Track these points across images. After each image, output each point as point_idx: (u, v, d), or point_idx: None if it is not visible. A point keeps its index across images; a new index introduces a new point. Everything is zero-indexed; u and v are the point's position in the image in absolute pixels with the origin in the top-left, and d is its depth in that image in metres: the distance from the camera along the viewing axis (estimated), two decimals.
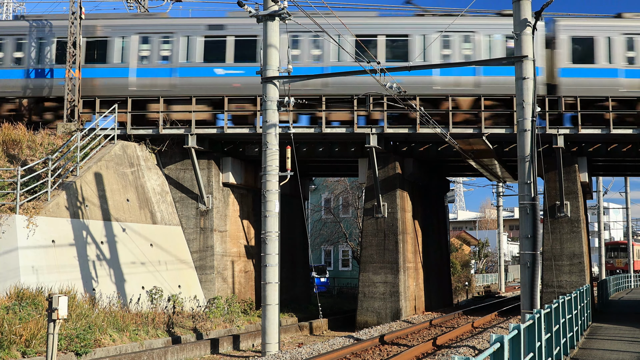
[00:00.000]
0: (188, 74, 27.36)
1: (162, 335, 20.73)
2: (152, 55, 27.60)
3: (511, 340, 9.28)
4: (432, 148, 28.57)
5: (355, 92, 25.88)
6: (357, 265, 40.87)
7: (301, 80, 20.28)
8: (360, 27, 26.95)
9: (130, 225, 24.66)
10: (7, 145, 24.72)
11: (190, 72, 27.38)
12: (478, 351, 18.51)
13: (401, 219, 28.14)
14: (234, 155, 28.70)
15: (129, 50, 27.62)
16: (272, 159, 19.21)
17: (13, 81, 27.92)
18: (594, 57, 26.82)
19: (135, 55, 27.58)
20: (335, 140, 28.42)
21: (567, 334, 16.72)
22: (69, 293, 19.24)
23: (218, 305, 24.25)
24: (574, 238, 27.00)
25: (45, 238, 20.89)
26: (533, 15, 17.23)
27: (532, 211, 16.94)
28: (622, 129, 25.98)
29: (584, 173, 27.74)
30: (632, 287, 58.53)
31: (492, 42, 26.92)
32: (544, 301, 24.42)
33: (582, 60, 26.75)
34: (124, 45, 27.63)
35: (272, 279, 19.03)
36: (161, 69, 27.48)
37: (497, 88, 26.54)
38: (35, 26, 28.28)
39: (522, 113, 17.14)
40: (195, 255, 27.23)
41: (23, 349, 16.21)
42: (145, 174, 26.56)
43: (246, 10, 18.74)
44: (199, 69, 27.35)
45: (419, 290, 31.04)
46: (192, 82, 27.23)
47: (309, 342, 22.73)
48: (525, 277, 16.92)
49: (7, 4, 54.73)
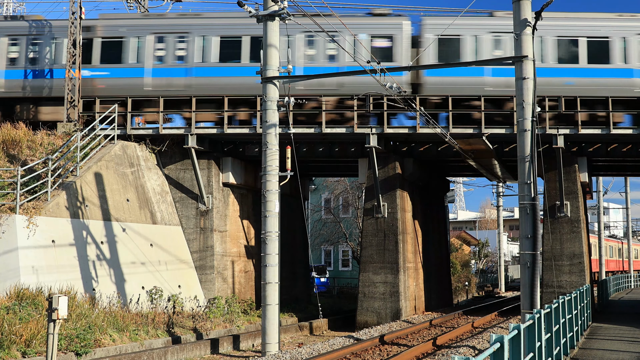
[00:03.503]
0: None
1: (162, 335, 20.73)
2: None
3: (511, 340, 9.28)
4: (432, 148, 28.57)
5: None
6: (357, 265, 40.85)
7: (301, 80, 20.28)
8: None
9: (130, 225, 24.66)
10: (7, 145, 24.72)
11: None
12: (478, 351, 18.51)
13: (401, 219, 28.14)
14: (234, 155, 28.70)
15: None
16: (272, 159, 19.21)
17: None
18: (461, 56, 26.60)
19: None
20: (335, 140, 28.43)
21: (567, 334, 16.72)
22: (69, 293, 19.24)
23: (218, 305, 24.25)
24: (574, 238, 26.99)
25: (45, 238, 20.89)
26: (533, 15, 17.23)
27: (532, 211, 16.94)
28: (622, 129, 25.96)
29: (584, 173, 27.73)
30: (632, 287, 58.58)
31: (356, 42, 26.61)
32: (544, 301, 24.41)
33: (449, 59, 26.53)
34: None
35: (272, 279, 19.03)
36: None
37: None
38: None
39: (522, 113, 17.14)
40: (195, 255, 27.23)
41: (23, 349, 16.21)
42: (145, 174, 26.57)
43: (246, 10, 18.74)
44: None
45: (419, 290, 31.04)
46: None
47: (309, 342, 22.74)
48: (525, 277, 16.92)
49: (7, 4, 54.73)
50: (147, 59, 27.49)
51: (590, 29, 26.49)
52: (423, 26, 27.02)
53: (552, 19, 26.03)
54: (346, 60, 26.22)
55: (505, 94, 26.20)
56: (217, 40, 27.36)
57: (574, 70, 26.42)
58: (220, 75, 27.13)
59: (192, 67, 27.34)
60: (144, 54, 27.53)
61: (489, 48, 26.52)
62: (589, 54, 26.36)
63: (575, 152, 27.64)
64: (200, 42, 27.39)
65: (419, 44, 26.80)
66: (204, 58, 27.32)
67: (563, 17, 27.12)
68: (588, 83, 26.27)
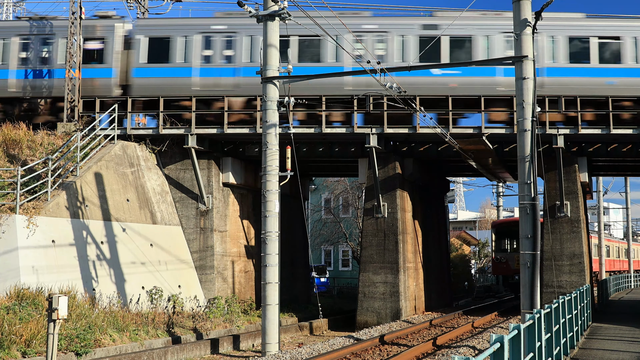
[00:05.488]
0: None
1: (162, 335, 20.73)
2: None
3: (511, 340, 9.28)
4: (432, 148, 28.57)
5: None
6: (357, 265, 40.85)
7: (301, 80, 20.27)
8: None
9: (130, 225, 24.66)
10: (7, 145, 24.73)
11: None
12: (478, 351, 18.51)
13: (401, 219, 28.14)
14: (234, 155, 28.70)
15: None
16: (272, 159, 19.22)
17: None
18: (169, 57, 27.06)
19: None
20: (335, 140, 28.43)
21: (567, 334, 16.72)
22: (69, 293, 19.24)
23: (218, 305, 24.25)
24: (574, 238, 26.99)
25: (45, 238, 20.89)
26: (533, 15, 17.24)
27: (532, 211, 16.95)
28: (622, 128, 25.96)
29: (584, 173, 27.72)
30: (632, 287, 58.56)
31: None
32: (544, 301, 24.41)
33: (158, 60, 26.97)
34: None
35: (272, 279, 19.04)
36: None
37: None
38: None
39: (522, 113, 17.14)
40: (195, 255, 27.23)
41: (23, 349, 16.21)
42: (145, 174, 26.57)
43: (246, 10, 18.74)
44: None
45: (419, 290, 31.04)
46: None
47: (309, 342, 22.73)
48: (525, 277, 16.92)
49: (7, 4, 54.73)
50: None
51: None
52: (135, 27, 27.81)
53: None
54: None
55: (213, 94, 26.93)
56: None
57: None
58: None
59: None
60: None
61: (199, 49, 27.22)
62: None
63: (575, 152, 27.64)
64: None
65: (132, 44, 27.55)
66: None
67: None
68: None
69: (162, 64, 27.41)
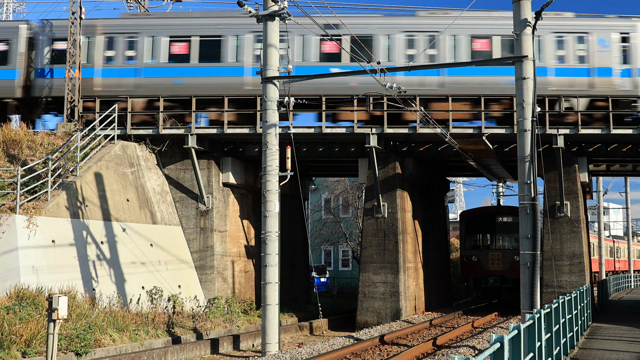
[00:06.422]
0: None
1: (162, 335, 20.74)
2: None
3: (511, 340, 9.28)
4: (432, 148, 28.56)
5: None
6: (357, 265, 40.87)
7: (301, 80, 20.27)
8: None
9: (130, 225, 24.66)
10: (7, 145, 24.73)
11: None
12: (478, 351, 18.52)
13: (401, 219, 28.14)
14: (234, 155, 28.69)
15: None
16: (272, 159, 19.21)
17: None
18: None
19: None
20: (335, 140, 28.42)
21: (567, 334, 16.72)
22: (69, 293, 19.24)
23: (218, 305, 24.26)
24: (574, 238, 26.99)
25: (45, 238, 20.89)
26: (533, 15, 17.24)
27: (532, 211, 16.95)
28: (622, 128, 25.96)
29: (584, 173, 27.73)
30: (632, 287, 58.57)
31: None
32: (544, 301, 24.42)
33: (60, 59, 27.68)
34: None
35: (272, 279, 19.04)
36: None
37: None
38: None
39: (522, 113, 17.14)
40: (195, 255, 27.23)
41: (23, 349, 16.22)
42: (145, 174, 26.57)
43: (246, 10, 18.74)
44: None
45: (419, 290, 31.04)
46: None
47: (309, 342, 22.74)
48: (525, 277, 16.92)
49: (7, 4, 54.74)
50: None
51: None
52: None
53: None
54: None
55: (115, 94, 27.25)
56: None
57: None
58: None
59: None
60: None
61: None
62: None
63: (575, 152, 27.64)
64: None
65: (34, 45, 28.28)
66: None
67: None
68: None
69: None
